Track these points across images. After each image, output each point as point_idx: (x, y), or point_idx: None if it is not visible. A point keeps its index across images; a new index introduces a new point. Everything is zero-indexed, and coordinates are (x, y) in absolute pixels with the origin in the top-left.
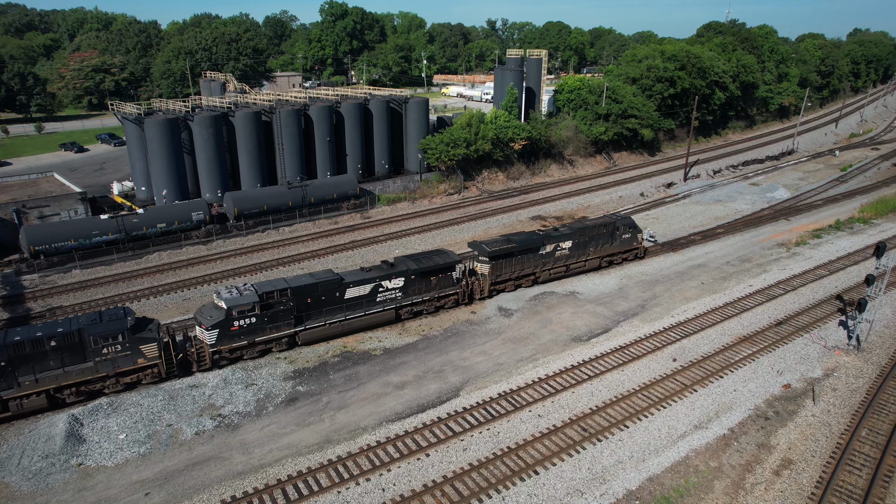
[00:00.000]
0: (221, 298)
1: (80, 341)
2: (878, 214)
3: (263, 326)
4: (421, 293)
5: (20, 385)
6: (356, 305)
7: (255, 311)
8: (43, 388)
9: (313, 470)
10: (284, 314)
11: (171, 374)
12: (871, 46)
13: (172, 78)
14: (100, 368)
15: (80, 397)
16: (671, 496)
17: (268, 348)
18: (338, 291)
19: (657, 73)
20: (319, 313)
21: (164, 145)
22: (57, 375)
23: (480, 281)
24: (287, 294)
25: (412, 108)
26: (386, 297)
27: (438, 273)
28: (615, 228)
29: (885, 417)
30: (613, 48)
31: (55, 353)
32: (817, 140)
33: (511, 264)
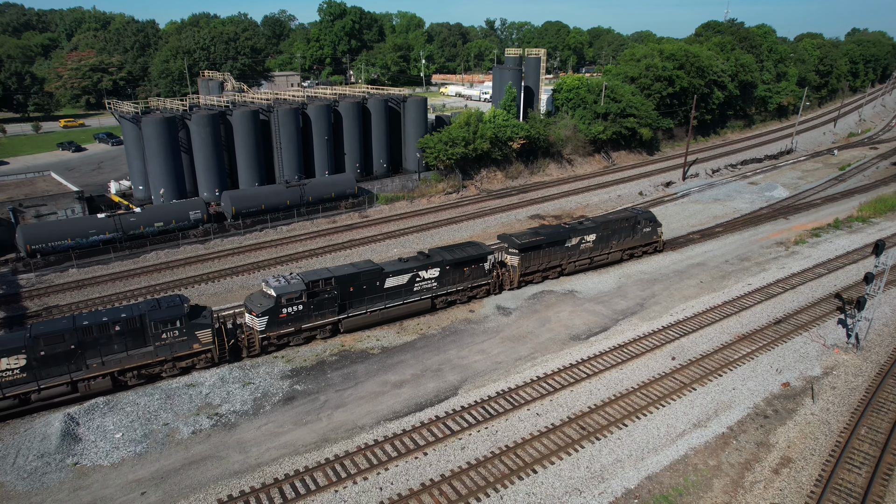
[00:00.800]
0: (270, 287)
1: (142, 326)
2: (876, 213)
3: (309, 314)
4: (455, 283)
5: (88, 367)
6: (395, 294)
7: (302, 298)
8: (108, 370)
9: (310, 469)
10: (329, 302)
11: (222, 360)
12: (869, 46)
13: (170, 77)
14: (159, 353)
15: (140, 380)
16: (670, 495)
17: (312, 335)
18: (378, 281)
19: (656, 72)
20: (361, 302)
21: (161, 144)
22: (121, 359)
23: (510, 272)
24: (331, 283)
25: (410, 107)
26: (422, 286)
27: (471, 264)
28: (636, 222)
29: (885, 416)
30: (612, 48)
31: (119, 337)
32: (816, 139)
33: (539, 256)
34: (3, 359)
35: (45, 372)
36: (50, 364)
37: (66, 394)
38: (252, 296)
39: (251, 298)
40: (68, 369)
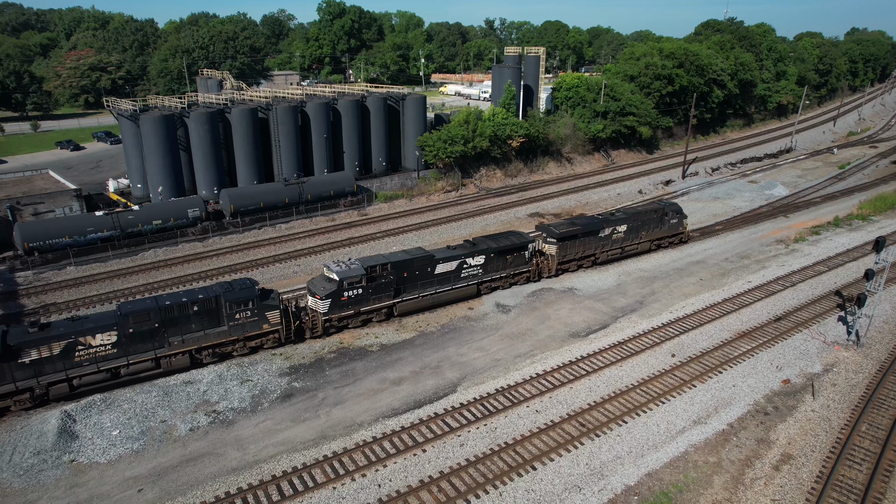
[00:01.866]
0: (332, 271)
1: (217, 307)
2: (876, 211)
3: (368, 297)
4: (498, 270)
5: (170, 345)
6: (444, 280)
7: (361, 283)
8: (187, 348)
9: (308, 466)
10: (385, 286)
11: (288, 340)
12: (868, 45)
13: (169, 76)
14: (232, 332)
15: (214, 358)
16: (670, 491)
17: (369, 318)
18: (429, 267)
19: (655, 70)
20: (414, 286)
21: (159, 142)
22: (198, 337)
23: (549, 261)
24: (388, 268)
25: (409, 105)
26: (469, 273)
27: (514, 252)
28: (664, 214)
29: (885, 412)
30: (611, 47)
31: (197, 317)
32: (815, 138)
33: (575, 245)
34: (98, 335)
35: (133, 348)
36: (137, 341)
37: (150, 369)
38: (314, 280)
39: (314, 282)
40: (153, 346)
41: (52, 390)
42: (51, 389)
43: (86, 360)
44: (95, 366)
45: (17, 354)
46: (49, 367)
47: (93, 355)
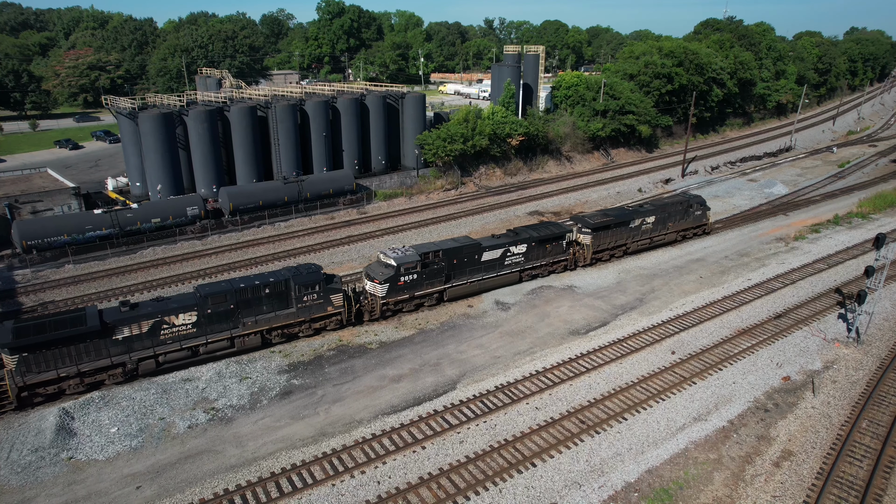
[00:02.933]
0: (389, 257)
1: (287, 290)
2: (876, 209)
3: (422, 282)
4: (538, 258)
5: (244, 325)
6: (490, 267)
7: (417, 268)
8: (259, 328)
9: (307, 463)
10: (438, 272)
11: (349, 323)
12: (868, 45)
13: (168, 75)
14: (299, 314)
15: (282, 339)
16: (670, 488)
17: (421, 302)
18: (477, 254)
19: (655, 69)
20: (462, 273)
21: (158, 140)
22: (269, 318)
23: (584, 250)
24: (439, 255)
25: (409, 103)
26: (512, 260)
27: (553, 241)
28: (689, 205)
29: (886, 409)
30: (611, 47)
31: (268, 299)
32: (815, 137)
33: (608, 236)
34: (181, 314)
35: (211, 328)
36: (214, 321)
37: (226, 348)
38: (371, 265)
39: (371, 268)
40: (228, 326)
41: (142, 366)
42: (140, 365)
43: (169, 338)
44: (178, 344)
45: (112, 332)
46: (138, 344)
47: (176, 334)
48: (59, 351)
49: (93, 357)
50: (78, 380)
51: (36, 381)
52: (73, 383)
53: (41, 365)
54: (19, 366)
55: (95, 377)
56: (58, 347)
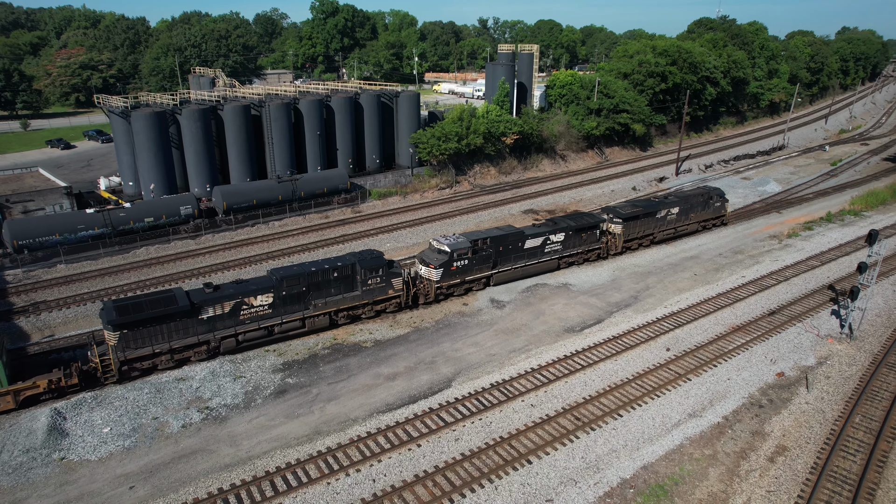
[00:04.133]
0: (443, 244)
1: (353, 274)
2: (868, 207)
3: (472, 268)
4: (574, 247)
5: (314, 306)
6: (532, 254)
7: (468, 254)
8: (327, 310)
9: (302, 461)
10: (486, 258)
11: (407, 305)
12: (859, 44)
13: (161, 75)
14: (364, 297)
15: (347, 320)
16: (666, 484)
17: (470, 287)
18: (520, 242)
19: (649, 68)
20: (507, 259)
21: (151, 139)
22: (337, 301)
23: (616, 239)
24: (488, 242)
25: (403, 102)
26: (551, 248)
27: (588, 230)
28: (710, 197)
29: (879, 403)
30: (605, 46)
31: (336, 282)
32: (807, 136)
33: (637, 226)
34: (259, 296)
35: (285, 309)
36: (288, 303)
37: (297, 328)
38: (425, 252)
39: (425, 254)
40: (300, 308)
41: (224, 344)
42: (222, 343)
43: (248, 318)
44: (256, 323)
45: (198, 311)
46: (220, 323)
47: (254, 314)
48: (153, 328)
49: (182, 335)
50: (169, 356)
51: (134, 356)
52: (165, 359)
53: (138, 341)
54: (120, 342)
55: (183, 354)
56: (152, 325)
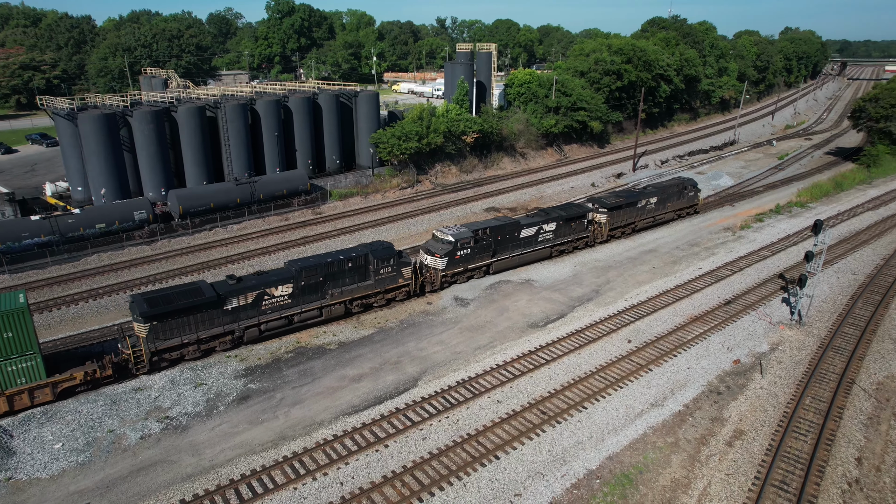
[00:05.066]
0: (447, 234)
1: (366, 264)
2: (813, 198)
3: (474, 256)
4: (565, 235)
5: (330, 296)
6: (527, 243)
7: (470, 243)
8: (342, 299)
9: (268, 468)
10: (486, 247)
11: (415, 293)
12: (800, 44)
13: (110, 75)
14: (376, 286)
15: (360, 309)
16: (630, 473)
17: (472, 275)
18: (516, 231)
19: (605, 66)
20: (505, 248)
21: (101, 142)
22: (352, 290)
23: (601, 228)
24: (487, 232)
25: (362, 102)
26: (544, 237)
27: (577, 220)
28: (684, 187)
29: (826, 385)
30: (561, 45)
31: (350, 272)
32: (756, 131)
33: (620, 215)
34: (280, 286)
35: (304, 299)
36: (307, 293)
37: (315, 317)
38: (429, 242)
39: (430, 244)
40: (318, 297)
41: (247, 333)
42: (246, 333)
43: (269, 308)
44: (277, 313)
45: (223, 302)
46: (244, 313)
47: (275, 304)
48: (181, 320)
49: (208, 325)
50: (196, 346)
51: (164, 346)
52: (192, 349)
53: (167, 332)
54: (150, 333)
55: (209, 344)
56: (180, 317)
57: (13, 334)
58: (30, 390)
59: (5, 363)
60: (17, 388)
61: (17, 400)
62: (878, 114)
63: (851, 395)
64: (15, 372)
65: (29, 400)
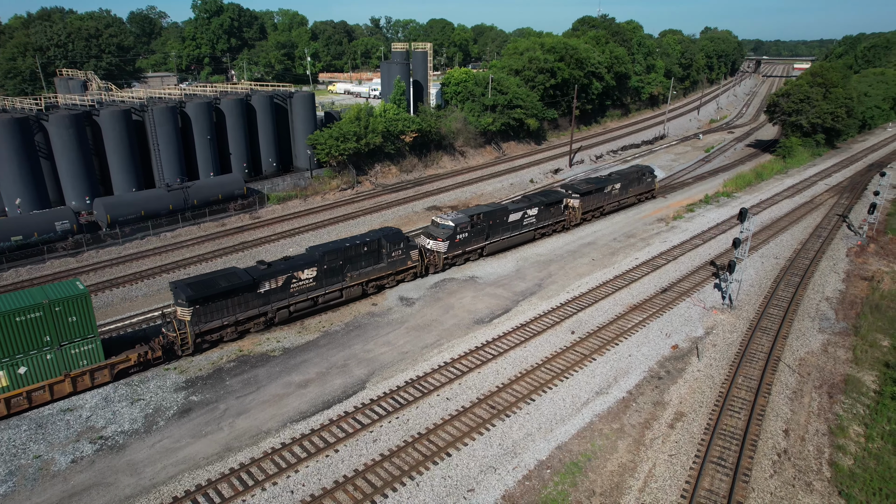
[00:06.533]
0: (446, 220)
1: (380, 247)
2: (737, 188)
3: (470, 240)
4: (545, 220)
5: (350, 278)
6: (514, 227)
7: (468, 227)
8: (359, 281)
9: (214, 482)
10: (481, 231)
11: (420, 275)
12: (720, 43)
13: (20, 77)
14: (388, 268)
15: (374, 290)
16: (579, 461)
17: (468, 257)
18: (505, 216)
19: (538, 64)
20: (496, 231)
21: (13, 148)
22: (367, 272)
23: (575, 212)
24: (481, 217)
25: (298, 102)
26: (528, 221)
27: (555, 205)
28: (643, 174)
29: (756, 364)
30: (496, 44)
31: (366, 256)
32: (684, 125)
33: (590, 200)
34: (306, 270)
35: (326, 281)
36: (329, 275)
37: (336, 299)
38: (429, 228)
39: (430, 230)
40: (338, 280)
41: (279, 315)
42: (278, 314)
43: (297, 290)
44: (304, 295)
45: (257, 286)
46: (275, 296)
47: (301, 287)
48: (221, 303)
49: (244, 308)
50: (233, 328)
51: (206, 328)
52: (230, 331)
53: (209, 315)
54: (194, 316)
55: (245, 325)
56: (220, 300)
57: (76, 319)
58: (91, 372)
59: (70, 346)
60: (80, 369)
61: (80, 381)
62: (790, 108)
63: (778, 371)
64: (78, 354)
65: (90, 381)
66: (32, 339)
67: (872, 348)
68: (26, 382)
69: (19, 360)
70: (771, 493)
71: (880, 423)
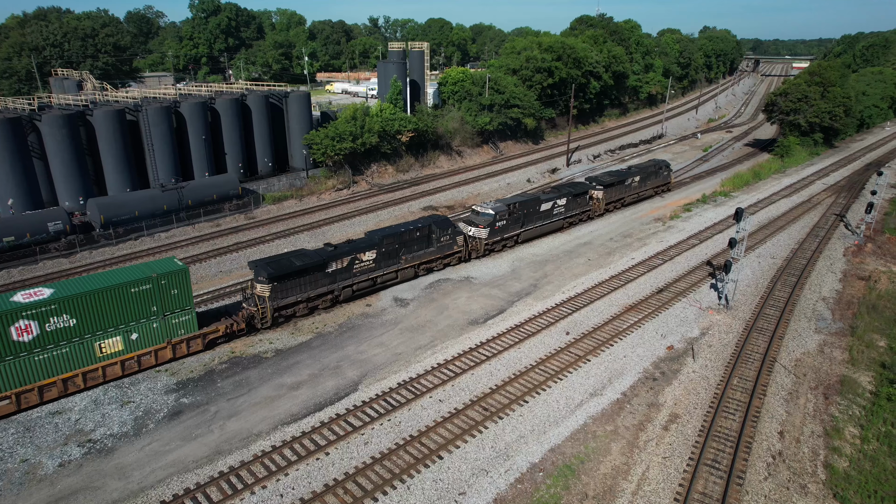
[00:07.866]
0: (486, 208)
1: (430, 233)
2: (735, 188)
3: (508, 227)
4: (573, 210)
5: (404, 260)
6: (546, 216)
7: (506, 215)
8: (411, 264)
9: (203, 485)
10: (517, 219)
11: (464, 259)
12: (718, 42)
13: (16, 77)
14: (437, 252)
15: (424, 272)
16: (572, 463)
17: (506, 243)
18: (538, 206)
19: (536, 63)
20: (530, 220)
21: (6, 148)
22: (419, 255)
23: (599, 203)
24: (517, 206)
25: (293, 102)
26: (558, 211)
27: (582, 195)
28: (660, 168)
29: (752, 365)
30: (494, 44)
31: (418, 240)
32: (682, 125)
33: (614, 192)
34: (367, 252)
35: (384, 263)
36: (385, 258)
37: (392, 279)
38: (469, 216)
39: (471, 218)
40: (393, 262)
41: (343, 293)
42: (342, 292)
43: (358, 271)
44: (365, 275)
45: (326, 266)
46: (340, 276)
47: (362, 268)
48: (295, 281)
49: (314, 286)
50: (305, 304)
51: (282, 304)
52: (302, 307)
53: (285, 292)
54: (272, 293)
55: (314, 302)
56: (295, 278)
57: (178, 291)
58: (188, 340)
59: (171, 316)
60: (179, 337)
61: (178, 349)
62: (788, 107)
63: (773, 372)
64: (178, 324)
65: (186, 349)
66: (142, 309)
67: (869, 349)
68: (137, 348)
69: (132, 328)
70: (765, 495)
71: (876, 425)
